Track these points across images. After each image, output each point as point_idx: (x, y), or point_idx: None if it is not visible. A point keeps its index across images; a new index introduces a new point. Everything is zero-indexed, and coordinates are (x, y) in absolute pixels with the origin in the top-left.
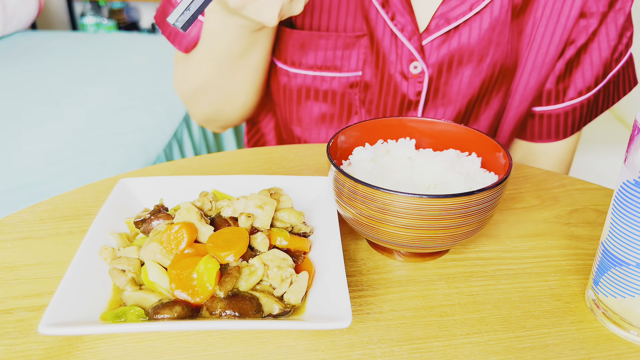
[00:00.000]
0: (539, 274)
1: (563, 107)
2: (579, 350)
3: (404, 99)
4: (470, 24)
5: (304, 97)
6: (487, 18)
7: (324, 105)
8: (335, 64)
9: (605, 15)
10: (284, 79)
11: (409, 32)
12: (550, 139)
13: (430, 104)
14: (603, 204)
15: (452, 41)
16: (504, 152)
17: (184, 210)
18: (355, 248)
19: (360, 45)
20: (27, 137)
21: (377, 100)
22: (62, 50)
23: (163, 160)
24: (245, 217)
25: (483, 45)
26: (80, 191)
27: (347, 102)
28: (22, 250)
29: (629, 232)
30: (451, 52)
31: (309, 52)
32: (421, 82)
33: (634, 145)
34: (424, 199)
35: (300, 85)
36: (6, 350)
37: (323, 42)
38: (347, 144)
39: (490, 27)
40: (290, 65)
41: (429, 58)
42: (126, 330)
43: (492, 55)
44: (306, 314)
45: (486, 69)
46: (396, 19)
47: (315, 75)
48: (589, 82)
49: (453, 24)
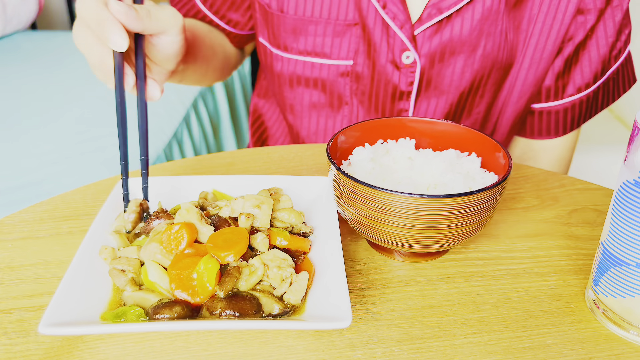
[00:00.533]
0: (539, 274)
1: (562, 104)
2: (579, 350)
3: (396, 90)
4: (463, 14)
5: (295, 83)
6: (479, 8)
7: (314, 92)
8: (324, 51)
9: (602, 11)
10: (278, 65)
11: (400, 21)
12: (549, 135)
13: (422, 94)
14: (603, 204)
15: (445, 31)
16: (503, 152)
17: (184, 211)
18: (355, 248)
19: (352, 34)
20: (27, 137)
21: (368, 91)
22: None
23: (163, 160)
24: (245, 217)
25: (475, 35)
26: (80, 191)
27: (337, 91)
28: (22, 250)
29: (629, 232)
30: (443, 42)
31: (299, 37)
32: (413, 72)
33: (634, 145)
34: (424, 199)
35: (292, 71)
36: (6, 350)
37: (312, 27)
38: (347, 144)
39: (482, 18)
40: (283, 50)
41: (421, 48)
42: (126, 330)
43: (485, 47)
44: (306, 314)
45: (478, 61)
46: (388, 8)
47: (306, 62)
48: (588, 79)
49: (445, 13)
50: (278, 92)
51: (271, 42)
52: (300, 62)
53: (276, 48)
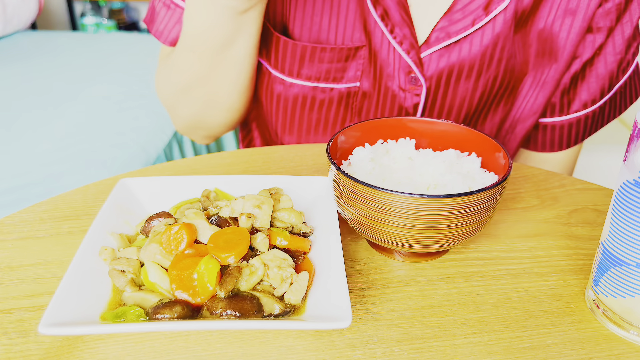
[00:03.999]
0: (539, 274)
1: (567, 119)
2: (579, 350)
3: (401, 110)
4: (472, 39)
5: (299, 106)
6: (489, 33)
7: (319, 113)
8: (335, 76)
9: (612, 29)
10: (278, 87)
11: (407, 45)
12: (553, 149)
13: (427, 116)
14: (603, 204)
15: (452, 55)
16: (503, 152)
17: (191, 214)
18: (355, 248)
19: (359, 56)
20: (27, 137)
21: (374, 111)
22: (62, 50)
23: (163, 160)
24: (246, 217)
25: (484, 60)
26: (80, 191)
27: (342, 110)
28: (22, 250)
29: (629, 232)
30: (450, 65)
31: (308, 63)
32: (419, 94)
33: (634, 145)
34: (424, 199)
35: (297, 94)
36: (6, 350)
37: (323, 55)
38: (347, 144)
39: (492, 43)
40: (288, 75)
41: (427, 70)
42: (126, 330)
43: (493, 71)
44: (306, 314)
45: (485, 84)
46: (395, 32)
47: (314, 86)
48: (595, 94)
49: (454, 38)
50: (275, 112)
51: (273, 64)
52: (307, 87)
53: (280, 72)
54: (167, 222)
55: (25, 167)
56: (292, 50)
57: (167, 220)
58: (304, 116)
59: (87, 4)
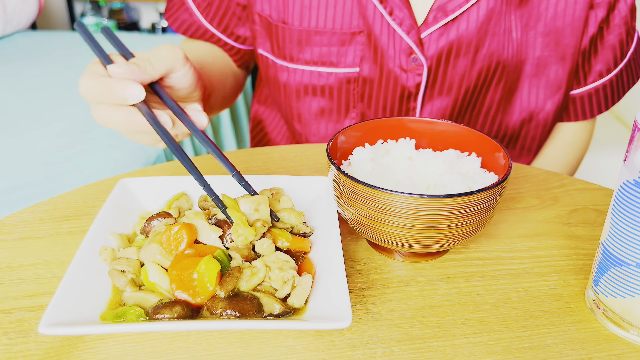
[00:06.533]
0: (539, 274)
1: (586, 90)
2: (579, 350)
3: (404, 91)
4: (468, 15)
5: (302, 93)
6: (483, 8)
7: (322, 100)
8: (331, 60)
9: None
10: (283, 75)
11: (407, 26)
12: (577, 118)
13: (428, 94)
14: (603, 204)
15: (450, 32)
16: (503, 152)
17: (191, 214)
18: (355, 248)
19: (357, 42)
20: (27, 137)
21: (376, 94)
22: (62, 50)
23: (163, 160)
24: (262, 223)
25: (480, 35)
26: (80, 191)
27: (344, 97)
28: (22, 250)
29: (629, 232)
30: (450, 43)
31: (305, 47)
32: (420, 74)
33: (634, 145)
34: (424, 199)
35: (299, 81)
36: (6, 350)
37: (318, 38)
38: (347, 144)
39: (486, 18)
40: (289, 60)
41: (428, 50)
42: (126, 330)
43: (489, 45)
44: (306, 314)
45: (483, 59)
46: (394, 14)
47: (312, 71)
48: (609, 64)
49: (451, 16)
50: (284, 102)
51: (275, 53)
52: (307, 72)
53: (281, 59)
54: (167, 222)
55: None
56: (289, 35)
57: (167, 220)
58: (307, 103)
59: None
